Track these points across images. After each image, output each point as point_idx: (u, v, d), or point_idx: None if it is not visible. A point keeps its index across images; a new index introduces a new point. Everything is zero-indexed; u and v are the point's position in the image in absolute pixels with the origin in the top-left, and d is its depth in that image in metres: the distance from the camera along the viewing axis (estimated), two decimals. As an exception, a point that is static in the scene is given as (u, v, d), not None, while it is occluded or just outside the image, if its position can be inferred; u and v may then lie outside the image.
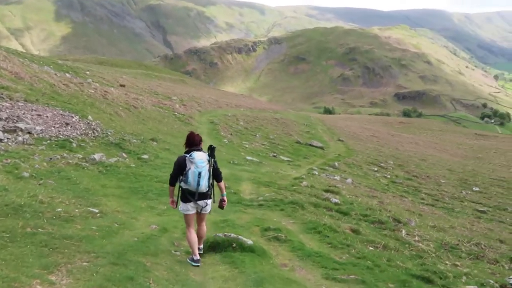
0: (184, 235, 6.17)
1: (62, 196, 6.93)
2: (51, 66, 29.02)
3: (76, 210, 6.35)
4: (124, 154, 13.05)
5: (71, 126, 14.02)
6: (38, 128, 12.52)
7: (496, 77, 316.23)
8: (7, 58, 20.95)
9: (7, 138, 10.92)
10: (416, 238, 8.28)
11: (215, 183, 5.72)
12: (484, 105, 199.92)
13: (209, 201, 5.59)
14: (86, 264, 4.24)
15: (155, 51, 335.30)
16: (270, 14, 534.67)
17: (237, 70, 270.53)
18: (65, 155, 10.66)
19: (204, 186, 5.36)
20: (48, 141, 11.93)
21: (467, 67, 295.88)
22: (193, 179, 5.30)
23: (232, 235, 5.94)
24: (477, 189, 23.45)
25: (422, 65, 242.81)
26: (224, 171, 14.49)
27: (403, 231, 8.70)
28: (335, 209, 9.84)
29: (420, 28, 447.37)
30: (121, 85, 34.62)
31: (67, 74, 27.17)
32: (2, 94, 14.34)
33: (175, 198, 5.70)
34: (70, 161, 10.22)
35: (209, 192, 5.51)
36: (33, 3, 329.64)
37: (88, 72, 35.23)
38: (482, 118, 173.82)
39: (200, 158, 5.38)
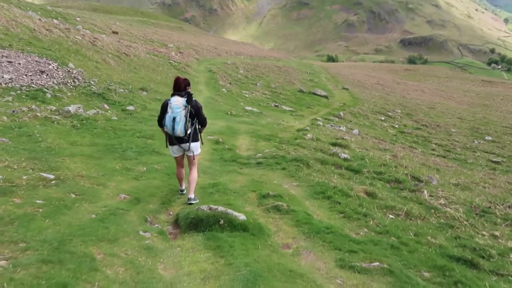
0: (162, 207, 5.47)
1: (12, 159, 5.54)
2: (38, 12, 26.81)
3: (24, 177, 4.96)
4: (106, 105, 11.59)
5: (47, 75, 12.46)
6: (6, 76, 11.00)
7: (506, 21, 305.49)
8: (-20, 1, 18.94)
9: (-33, 89, 9.45)
10: (442, 201, 7.01)
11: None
12: (492, 50, 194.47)
13: (193, 144, 5.64)
14: (2, 264, 2.93)
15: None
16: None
17: (238, 17, 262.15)
18: (33, 107, 9.21)
19: (179, 131, 5.36)
20: (18, 91, 10.46)
21: (476, 10, 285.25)
22: (169, 123, 5.36)
23: (220, 208, 4.57)
24: (489, 138, 22.26)
25: (430, 9, 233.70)
26: (220, 124, 13.25)
27: (425, 192, 7.43)
28: (345, 166, 8.53)
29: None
30: (113, 32, 32.59)
31: (54, 20, 25.03)
32: (-34, 38, 12.68)
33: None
34: (39, 114, 8.78)
35: (186, 137, 5.51)
36: None
37: (78, 19, 32.86)
38: (489, 64, 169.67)
39: (176, 103, 5.34)
